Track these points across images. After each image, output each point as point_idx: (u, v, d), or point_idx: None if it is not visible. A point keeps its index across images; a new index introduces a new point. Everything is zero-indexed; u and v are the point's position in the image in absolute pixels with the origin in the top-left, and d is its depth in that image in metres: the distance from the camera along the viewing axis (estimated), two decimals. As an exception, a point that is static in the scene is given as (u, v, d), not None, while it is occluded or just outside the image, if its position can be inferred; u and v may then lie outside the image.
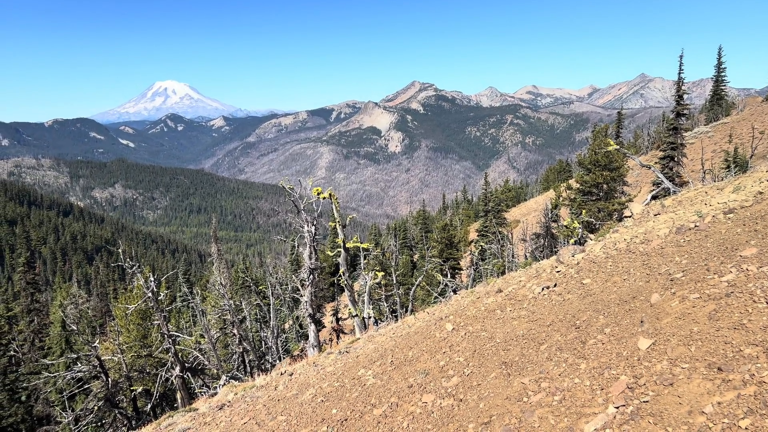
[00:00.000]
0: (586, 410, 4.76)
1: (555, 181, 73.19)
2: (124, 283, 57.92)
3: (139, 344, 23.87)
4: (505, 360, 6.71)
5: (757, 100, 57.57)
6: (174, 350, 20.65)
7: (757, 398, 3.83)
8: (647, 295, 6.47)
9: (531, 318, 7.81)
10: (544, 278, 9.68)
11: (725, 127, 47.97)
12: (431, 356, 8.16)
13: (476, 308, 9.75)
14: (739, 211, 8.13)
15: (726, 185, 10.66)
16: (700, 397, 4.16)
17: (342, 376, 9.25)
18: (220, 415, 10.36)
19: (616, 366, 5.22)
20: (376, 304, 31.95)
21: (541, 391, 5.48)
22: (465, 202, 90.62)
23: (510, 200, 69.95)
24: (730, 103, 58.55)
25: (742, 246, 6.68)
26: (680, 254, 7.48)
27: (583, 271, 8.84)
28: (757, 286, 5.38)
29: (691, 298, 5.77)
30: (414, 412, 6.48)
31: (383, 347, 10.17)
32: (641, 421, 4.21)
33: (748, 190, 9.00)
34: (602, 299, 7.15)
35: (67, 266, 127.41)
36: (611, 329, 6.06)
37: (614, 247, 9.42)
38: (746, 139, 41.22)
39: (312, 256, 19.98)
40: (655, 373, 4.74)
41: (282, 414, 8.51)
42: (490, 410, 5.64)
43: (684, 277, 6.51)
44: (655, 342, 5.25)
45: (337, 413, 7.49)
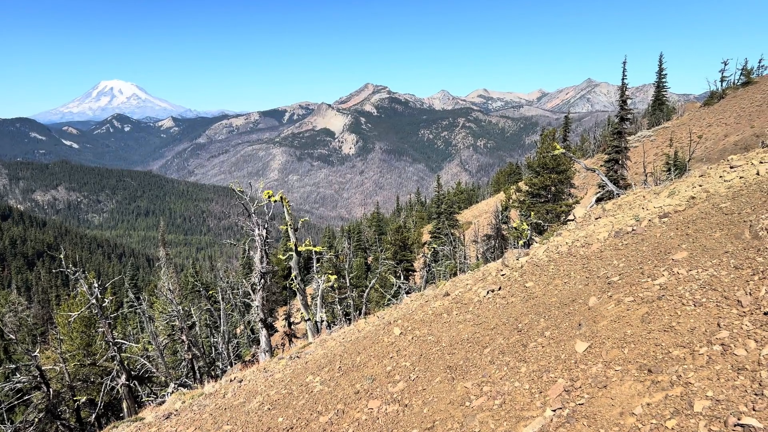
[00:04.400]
0: (525, 413, 4.86)
1: (505, 183, 74.48)
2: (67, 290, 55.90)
3: (82, 353, 23.06)
4: (450, 364, 6.79)
5: (695, 105, 60.02)
6: (120, 358, 20.05)
7: (683, 399, 3.99)
8: (586, 299, 6.67)
9: (476, 321, 7.93)
10: (489, 281, 9.85)
11: (666, 131, 49.84)
12: (379, 361, 8.19)
13: (424, 312, 9.83)
14: (673, 216, 8.47)
15: (662, 190, 11.08)
16: (631, 398, 4.31)
17: (290, 383, 9.17)
18: (166, 424, 10.11)
19: (554, 369, 5.35)
20: (329, 307, 31.81)
21: (483, 395, 5.57)
22: (418, 204, 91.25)
23: (462, 202, 70.84)
24: (671, 108, 60.84)
25: (675, 249, 6.96)
26: (618, 258, 7.74)
27: (527, 275, 9.04)
28: (686, 289, 5.62)
29: (626, 302, 5.98)
30: (360, 418, 6.48)
31: (333, 352, 10.14)
32: (576, 423, 4.33)
33: (681, 195, 9.38)
34: (544, 302, 7.33)
35: (6, 272, 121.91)
36: (551, 332, 6.21)
37: (557, 250, 9.66)
38: (686, 143, 42.91)
39: (263, 260, 19.74)
40: (590, 375, 4.89)
41: (228, 423, 8.38)
42: (433, 415, 5.69)
43: (620, 280, 6.74)
44: (592, 345, 5.42)
45: (283, 421, 7.42)
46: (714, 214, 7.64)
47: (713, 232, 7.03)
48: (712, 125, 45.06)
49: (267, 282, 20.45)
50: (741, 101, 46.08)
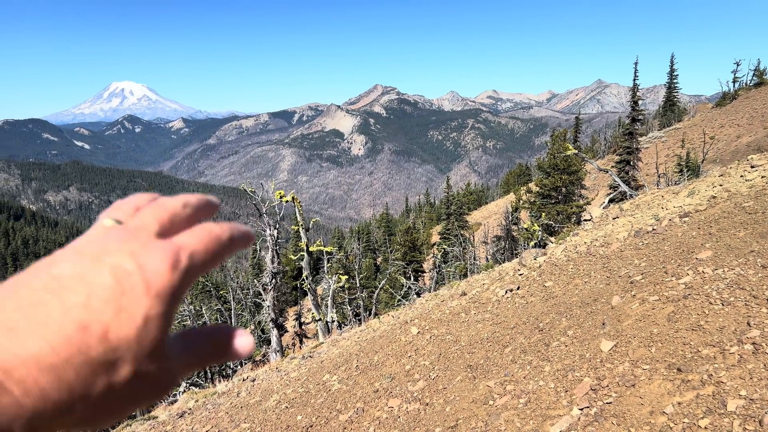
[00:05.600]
0: (551, 412, 4.82)
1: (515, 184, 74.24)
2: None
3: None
4: (471, 363, 6.75)
5: (707, 106, 59.55)
6: (132, 357, 20.13)
7: (715, 398, 3.93)
8: (608, 298, 6.61)
9: (495, 321, 7.88)
10: (507, 281, 9.80)
11: (678, 132, 49.49)
12: (397, 360, 8.16)
13: (441, 311, 9.80)
14: (694, 215, 8.39)
15: (681, 189, 11.00)
16: (661, 397, 4.26)
17: (306, 382, 9.16)
18: (180, 423, 10.12)
19: (579, 368, 5.30)
20: (339, 308, 31.80)
21: (506, 394, 5.53)
22: (427, 205, 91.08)
23: (471, 203, 70.70)
24: (682, 109, 60.39)
25: (698, 249, 6.88)
26: (639, 257, 7.67)
27: (545, 274, 8.98)
28: (713, 288, 5.55)
29: (651, 301, 5.92)
30: (380, 417, 6.45)
31: (348, 351, 10.12)
32: (605, 422, 4.28)
33: (702, 194, 9.30)
34: (564, 302, 7.27)
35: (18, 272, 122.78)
36: (574, 331, 6.16)
37: (575, 250, 9.60)
38: (697, 144, 42.59)
39: (274, 260, 19.78)
40: (617, 374, 4.84)
41: (245, 421, 8.37)
42: (456, 414, 5.66)
43: (643, 279, 6.67)
44: (617, 344, 5.36)
45: (302, 420, 7.41)
46: (737, 213, 7.56)
47: (737, 231, 6.96)
48: (724, 126, 44.70)
49: (278, 282, 20.49)
50: (754, 102, 45.67)
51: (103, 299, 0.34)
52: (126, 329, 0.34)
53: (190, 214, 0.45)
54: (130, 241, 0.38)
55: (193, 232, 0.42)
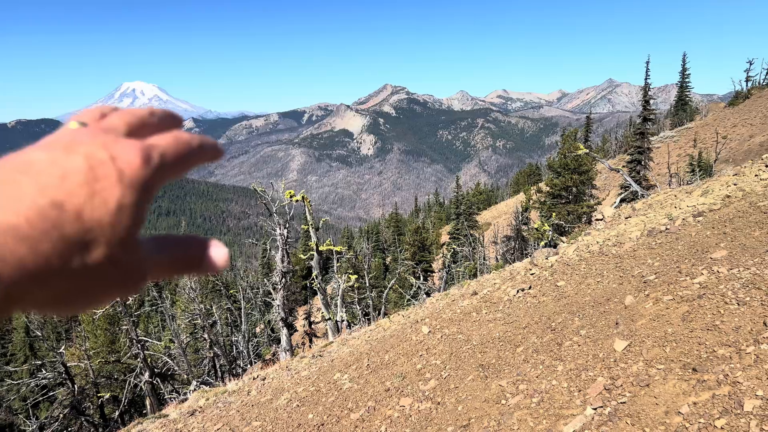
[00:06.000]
0: (564, 412, 4.79)
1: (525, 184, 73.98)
2: (91, 288, 56.16)
3: (106, 350, 23.37)
4: (482, 362, 6.72)
5: (719, 105, 59.08)
6: (143, 355, 20.26)
7: (731, 398, 3.90)
8: (621, 297, 6.56)
9: (507, 320, 7.85)
10: (518, 281, 9.76)
11: (690, 131, 49.15)
12: (408, 359, 8.14)
13: (452, 311, 9.77)
14: (708, 215, 8.32)
15: (695, 189, 10.91)
16: (676, 397, 4.22)
17: (317, 381, 9.16)
18: (191, 421, 10.16)
19: (592, 367, 5.27)
20: (348, 307, 31.82)
21: (519, 394, 5.50)
22: (437, 205, 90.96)
23: (481, 203, 70.54)
24: (694, 108, 59.93)
25: (713, 248, 6.82)
26: (652, 257, 7.61)
27: (557, 274, 8.94)
28: (728, 288, 5.50)
29: (665, 300, 5.87)
30: (392, 416, 6.44)
31: (359, 351, 10.12)
32: (619, 422, 4.25)
33: (716, 194, 9.22)
34: (577, 301, 7.23)
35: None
36: (587, 331, 6.12)
37: (587, 249, 9.54)
38: (710, 144, 42.28)
39: (284, 260, 19.81)
40: (631, 374, 4.80)
41: (257, 419, 8.39)
42: (468, 413, 5.64)
43: (657, 279, 6.62)
44: (631, 343, 5.32)
45: (313, 418, 7.41)
46: (752, 212, 7.49)
47: (752, 230, 6.89)
48: (736, 126, 44.33)
49: (288, 281, 20.53)
50: (767, 101, 45.28)
51: (77, 183, 0.35)
52: (99, 213, 0.35)
53: (157, 123, 0.46)
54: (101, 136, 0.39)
55: (162, 136, 0.43)
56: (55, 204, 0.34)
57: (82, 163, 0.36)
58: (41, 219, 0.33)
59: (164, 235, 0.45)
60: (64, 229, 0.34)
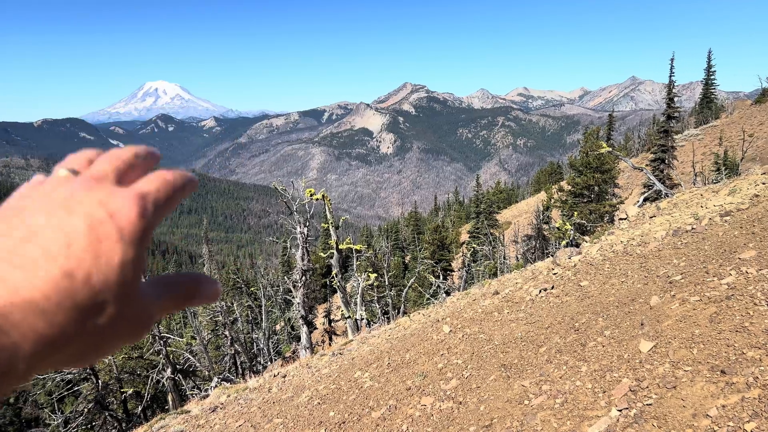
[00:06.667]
0: (588, 413, 4.74)
1: (546, 183, 73.36)
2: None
3: (129, 345, 23.67)
4: (504, 362, 6.68)
5: (746, 103, 57.96)
6: (165, 352, 20.50)
7: (761, 401, 3.82)
8: (646, 298, 6.47)
9: (529, 320, 7.79)
10: (540, 280, 9.68)
11: (715, 129, 48.28)
12: (429, 358, 8.12)
13: (473, 310, 9.72)
14: (736, 214, 8.16)
15: (721, 188, 10.71)
16: (704, 400, 4.15)
17: (338, 378, 9.19)
18: (213, 417, 10.25)
19: (617, 368, 5.20)
20: (368, 306, 31.87)
21: (542, 394, 5.45)
22: (456, 203, 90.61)
23: (501, 202, 70.11)
24: (720, 106, 58.88)
25: (741, 248, 6.69)
26: (678, 257, 7.49)
27: (581, 273, 8.84)
28: (758, 289, 5.39)
29: (692, 301, 5.77)
30: (413, 414, 6.43)
31: (379, 349, 10.12)
32: (645, 424, 4.19)
33: (744, 193, 9.04)
34: (601, 301, 7.15)
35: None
36: (611, 332, 6.05)
37: (611, 249, 9.43)
38: (735, 142, 41.50)
39: (304, 258, 19.90)
40: (657, 375, 4.73)
41: (278, 416, 8.43)
42: (490, 413, 5.60)
43: (683, 279, 6.51)
44: (657, 345, 5.25)
45: (334, 416, 7.43)
46: (781, 212, 7.33)
47: (782, 230, 6.75)
48: (763, 124, 43.47)
49: (308, 279, 20.62)
50: (796, 99, 44.32)
51: (81, 248, 0.37)
52: (105, 274, 0.37)
53: (142, 163, 0.48)
54: (95, 189, 0.41)
55: (150, 180, 0.45)
56: (66, 274, 0.36)
57: (83, 225, 0.38)
58: (56, 291, 0.35)
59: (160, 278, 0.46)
60: (77, 298, 0.36)
